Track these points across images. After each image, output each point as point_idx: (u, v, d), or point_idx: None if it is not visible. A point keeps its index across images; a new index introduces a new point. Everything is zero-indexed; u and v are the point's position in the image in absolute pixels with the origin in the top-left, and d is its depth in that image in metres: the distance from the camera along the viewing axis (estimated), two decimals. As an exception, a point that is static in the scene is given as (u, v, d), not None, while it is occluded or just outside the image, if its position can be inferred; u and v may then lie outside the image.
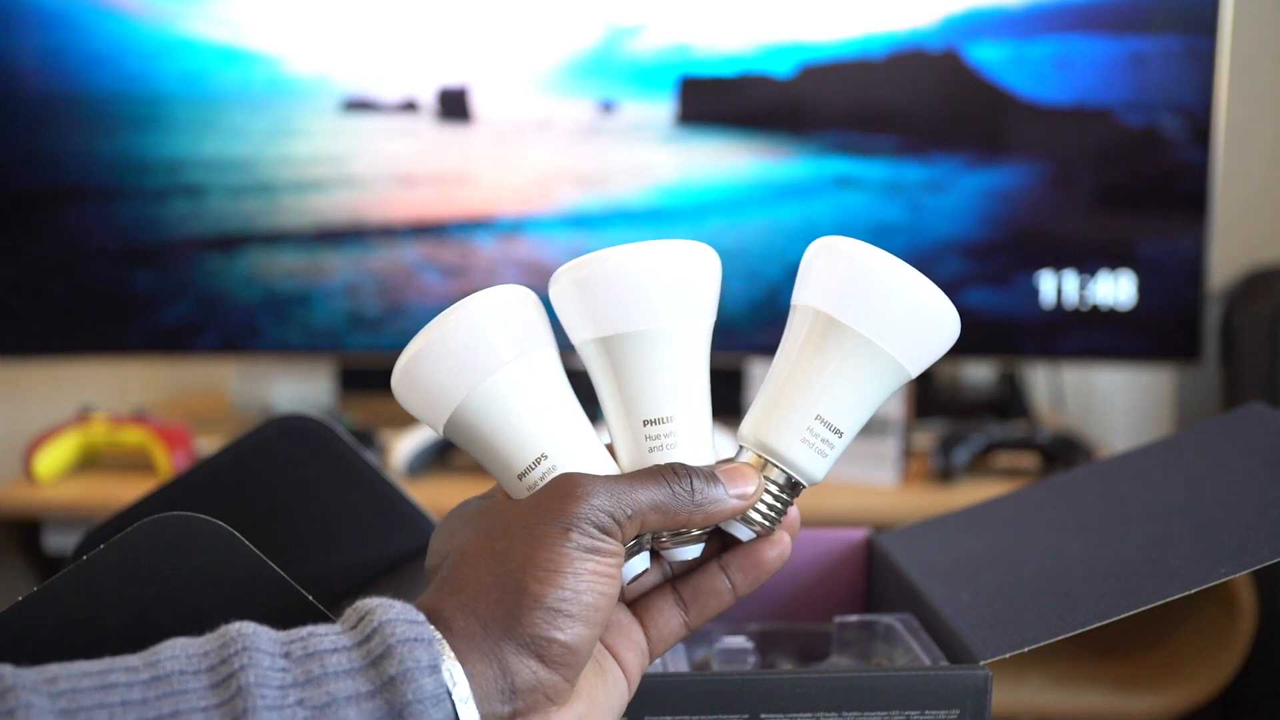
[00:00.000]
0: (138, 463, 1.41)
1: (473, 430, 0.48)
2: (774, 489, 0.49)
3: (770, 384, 0.50)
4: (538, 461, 0.48)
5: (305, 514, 0.68)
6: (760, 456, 0.49)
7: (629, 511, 0.44)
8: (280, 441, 0.67)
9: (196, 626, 0.48)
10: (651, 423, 0.49)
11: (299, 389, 1.63)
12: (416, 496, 0.70)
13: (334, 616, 0.48)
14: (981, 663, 0.53)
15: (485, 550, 0.44)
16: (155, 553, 0.47)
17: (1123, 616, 0.52)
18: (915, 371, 0.49)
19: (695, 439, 0.49)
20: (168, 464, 1.36)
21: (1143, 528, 0.60)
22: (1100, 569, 0.57)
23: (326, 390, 1.64)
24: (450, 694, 0.40)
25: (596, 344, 0.49)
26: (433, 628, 0.41)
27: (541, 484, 0.47)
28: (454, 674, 0.40)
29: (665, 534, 0.48)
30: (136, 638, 0.47)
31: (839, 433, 0.48)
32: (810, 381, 0.48)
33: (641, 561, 0.48)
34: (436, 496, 1.27)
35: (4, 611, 0.47)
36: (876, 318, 0.47)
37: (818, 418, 0.48)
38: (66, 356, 1.55)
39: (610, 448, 0.50)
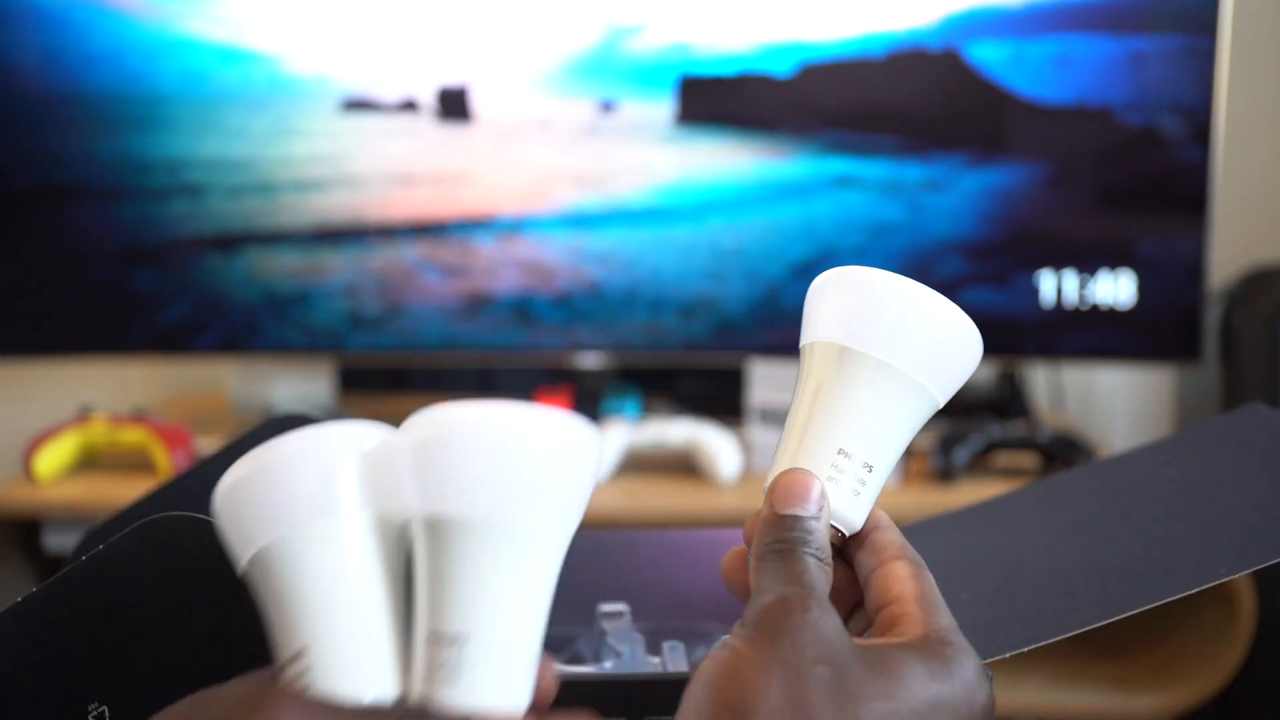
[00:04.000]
0: (138, 463, 1.41)
1: (259, 590, 0.40)
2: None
3: (791, 431, 0.46)
4: (297, 656, 0.39)
5: (305, 514, 0.67)
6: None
7: None
8: (280, 441, 0.67)
9: (195, 626, 0.48)
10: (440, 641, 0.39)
11: (299, 389, 1.63)
12: (416, 496, 0.70)
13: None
14: (982, 663, 0.53)
15: None
16: (155, 553, 0.47)
17: (1123, 616, 0.52)
18: (943, 399, 0.46)
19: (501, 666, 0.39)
20: (168, 464, 1.36)
21: (1143, 528, 0.60)
22: (1100, 569, 0.57)
23: (326, 390, 1.64)
24: None
25: (422, 524, 0.39)
26: None
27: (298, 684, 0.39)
28: None
29: None
30: (136, 637, 0.47)
31: (869, 467, 0.45)
32: (835, 417, 0.45)
33: None
34: (436, 496, 1.27)
35: (4, 611, 0.47)
36: (899, 345, 0.44)
37: (840, 452, 0.44)
38: (66, 356, 1.55)
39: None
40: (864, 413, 0.44)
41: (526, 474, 0.38)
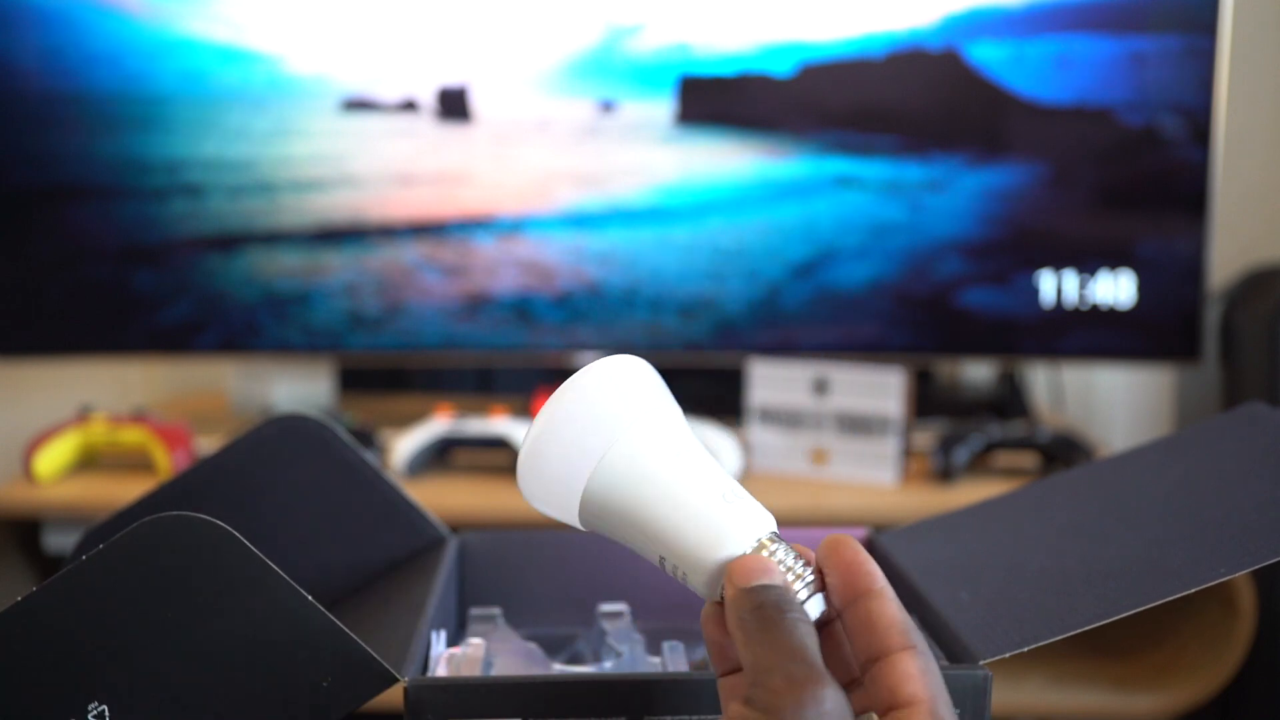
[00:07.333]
0: (138, 463, 1.41)
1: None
2: (782, 558, 0.45)
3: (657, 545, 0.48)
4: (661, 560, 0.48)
5: (305, 514, 0.68)
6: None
7: None
8: (280, 441, 0.67)
9: (195, 627, 0.48)
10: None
11: (299, 389, 1.63)
12: (416, 496, 0.70)
13: (333, 616, 0.49)
14: (981, 663, 0.53)
15: None
16: (155, 553, 0.47)
17: (1123, 616, 0.52)
18: (670, 414, 0.49)
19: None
20: (168, 464, 1.36)
21: (1143, 528, 0.60)
22: (1100, 569, 0.57)
23: (326, 390, 1.64)
24: None
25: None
26: None
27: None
28: None
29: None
30: (136, 638, 0.47)
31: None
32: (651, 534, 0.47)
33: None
34: (436, 496, 1.27)
35: (4, 611, 0.47)
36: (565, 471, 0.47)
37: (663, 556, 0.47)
38: (66, 356, 1.55)
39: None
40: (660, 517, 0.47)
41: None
